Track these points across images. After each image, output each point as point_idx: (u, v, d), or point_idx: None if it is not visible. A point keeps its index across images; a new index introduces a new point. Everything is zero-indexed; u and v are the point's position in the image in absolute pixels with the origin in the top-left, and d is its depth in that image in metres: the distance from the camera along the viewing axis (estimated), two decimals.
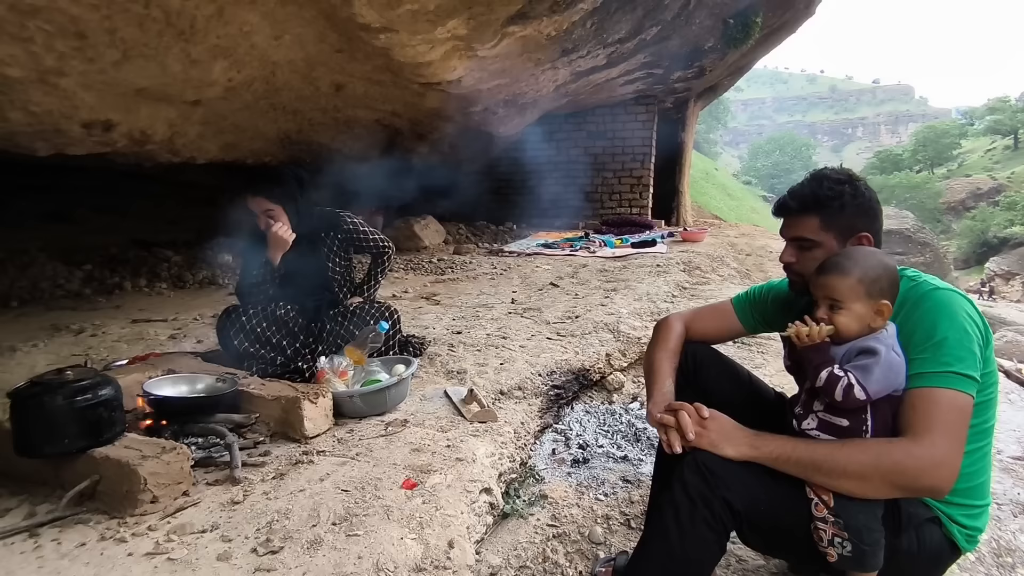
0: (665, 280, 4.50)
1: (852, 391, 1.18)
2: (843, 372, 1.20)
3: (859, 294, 1.23)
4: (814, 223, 1.39)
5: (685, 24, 5.75)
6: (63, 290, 4.29)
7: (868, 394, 1.18)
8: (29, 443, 1.48)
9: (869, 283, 1.22)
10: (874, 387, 1.18)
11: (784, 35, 8.68)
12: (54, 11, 2.17)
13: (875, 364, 1.18)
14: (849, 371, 1.20)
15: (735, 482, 1.24)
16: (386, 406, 2.09)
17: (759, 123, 75.12)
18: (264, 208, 2.38)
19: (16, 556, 1.31)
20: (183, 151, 3.97)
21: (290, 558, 1.30)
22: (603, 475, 2.14)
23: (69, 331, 3.21)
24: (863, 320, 1.24)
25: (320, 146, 5.44)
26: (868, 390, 1.17)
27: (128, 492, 1.44)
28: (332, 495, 1.54)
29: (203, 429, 1.81)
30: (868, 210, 1.38)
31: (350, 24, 3.09)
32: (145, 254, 5.27)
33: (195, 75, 3.09)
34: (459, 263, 5.62)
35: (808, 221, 1.40)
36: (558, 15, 3.73)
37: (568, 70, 5.44)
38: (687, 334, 1.70)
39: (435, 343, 2.90)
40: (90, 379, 1.54)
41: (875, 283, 1.22)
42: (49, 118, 2.73)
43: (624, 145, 8.62)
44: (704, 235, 7.12)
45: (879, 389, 1.18)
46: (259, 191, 2.39)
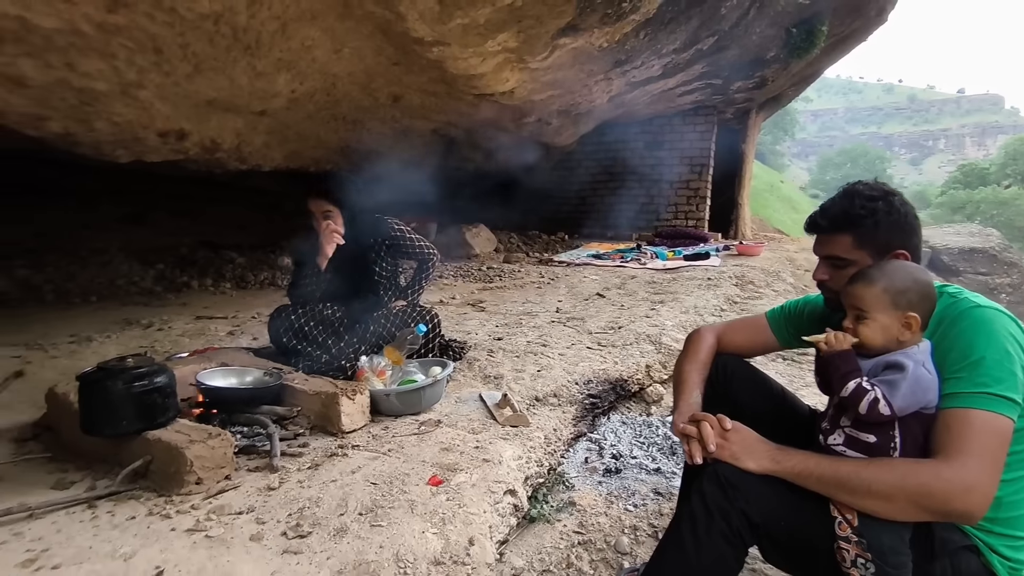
0: (715, 294, 4.40)
1: (877, 405, 1.14)
2: (870, 385, 1.17)
3: (884, 304, 1.20)
4: (847, 241, 1.35)
5: (744, 34, 5.64)
6: (137, 287, 4.62)
7: (893, 410, 1.14)
8: (92, 423, 1.62)
9: (895, 294, 1.19)
10: (900, 403, 1.14)
11: (853, 43, 8.35)
12: (135, 29, 2.37)
13: (902, 379, 1.15)
14: (876, 384, 1.16)
15: (755, 495, 1.22)
16: (421, 406, 2.15)
17: (830, 134, 72.07)
18: (323, 209, 2.52)
19: (76, 524, 1.43)
20: (249, 159, 4.21)
21: (316, 543, 1.36)
22: (634, 486, 2.12)
23: (139, 325, 3.47)
24: (889, 332, 1.20)
25: (378, 155, 5.63)
26: (893, 405, 1.14)
27: (175, 473, 1.55)
28: (361, 487, 1.61)
29: (248, 419, 1.92)
30: (904, 226, 1.33)
31: (404, 38, 3.21)
32: (212, 255, 5.60)
33: (260, 87, 3.29)
34: (507, 271, 5.68)
35: (841, 239, 1.36)
36: (609, 27, 3.75)
37: (622, 81, 5.43)
38: (719, 346, 1.69)
39: (476, 348, 2.95)
40: (147, 367, 1.67)
41: (902, 294, 1.19)
42: (129, 128, 2.96)
43: (681, 156, 8.49)
44: (761, 249, 6.91)
45: (905, 405, 1.14)
46: (319, 193, 2.54)
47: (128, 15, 2.26)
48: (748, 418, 1.37)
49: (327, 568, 1.28)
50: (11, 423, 2.04)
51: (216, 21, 2.53)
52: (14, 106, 2.48)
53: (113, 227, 6.14)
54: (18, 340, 3.11)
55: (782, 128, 29.81)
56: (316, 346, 2.50)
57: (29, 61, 2.25)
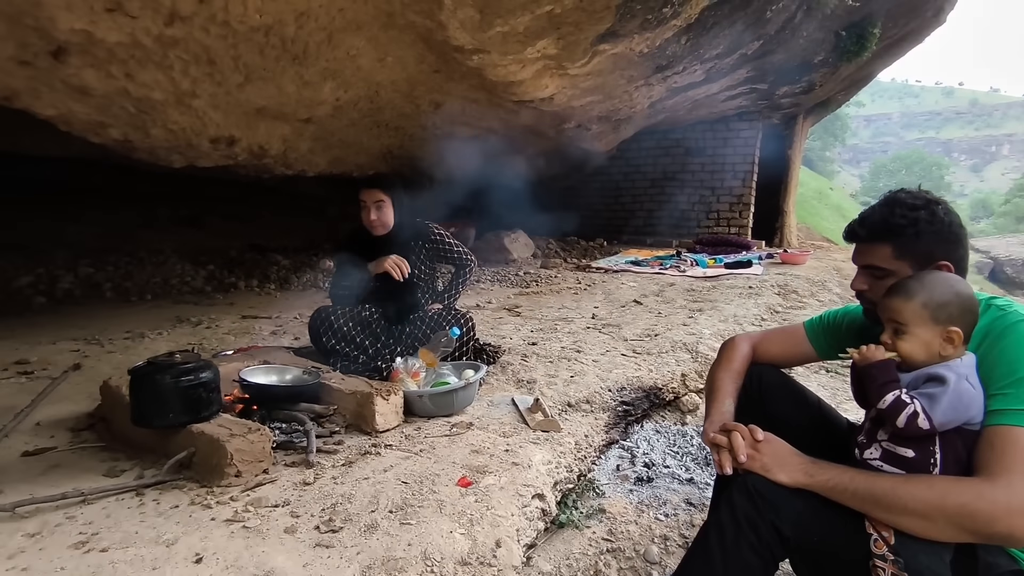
0: (756, 303, 4.31)
1: (916, 419, 1.11)
2: (909, 398, 1.13)
3: (924, 318, 1.16)
4: (886, 251, 1.31)
5: (791, 38, 5.51)
6: (188, 287, 4.83)
7: (933, 424, 1.10)
8: (142, 415, 1.70)
9: (935, 307, 1.15)
10: (940, 417, 1.10)
11: (908, 46, 8.06)
12: (190, 42, 2.49)
13: (943, 393, 1.11)
14: (916, 397, 1.13)
15: (786, 508, 1.19)
16: (453, 408, 2.18)
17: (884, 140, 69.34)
18: (376, 198, 2.59)
19: (124, 510, 1.51)
20: (295, 164, 4.36)
21: (347, 538, 1.40)
22: (666, 495, 2.10)
23: (189, 323, 3.62)
24: (929, 347, 1.16)
25: (420, 160, 5.74)
26: (933, 420, 1.10)
27: (217, 465, 1.61)
28: (393, 485, 1.64)
29: (287, 416, 1.99)
30: (948, 236, 1.28)
31: (445, 46, 3.28)
32: (259, 258, 5.80)
33: (307, 95, 3.41)
34: (544, 277, 5.69)
35: (880, 249, 1.32)
36: (649, 32, 3.73)
37: (663, 86, 5.38)
38: (754, 355, 1.66)
39: (509, 352, 2.97)
40: (194, 363, 1.74)
41: (942, 308, 1.15)
42: (183, 134, 3.11)
43: (724, 162, 8.34)
44: (806, 257, 6.71)
45: (946, 420, 1.10)
46: (373, 183, 2.62)
47: (184, 28, 2.38)
48: (783, 430, 1.34)
49: (357, 562, 1.31)
50: (69, 413, 2.17)
51: (266, 33, 2.64)
52: (78, 114, 2.64)
53: (170, 230, 6.45)
54: (78, 335, 3.30)
55: (832, 134, 28.93)
56: (353, 346, 2.56)
57: (92, 72, 2.40)
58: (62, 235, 5.66)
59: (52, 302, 4.22)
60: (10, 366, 2.74)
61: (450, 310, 2.76)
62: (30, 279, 4.46)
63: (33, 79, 2.37)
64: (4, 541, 1.37)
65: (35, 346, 3.07)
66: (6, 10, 2.00)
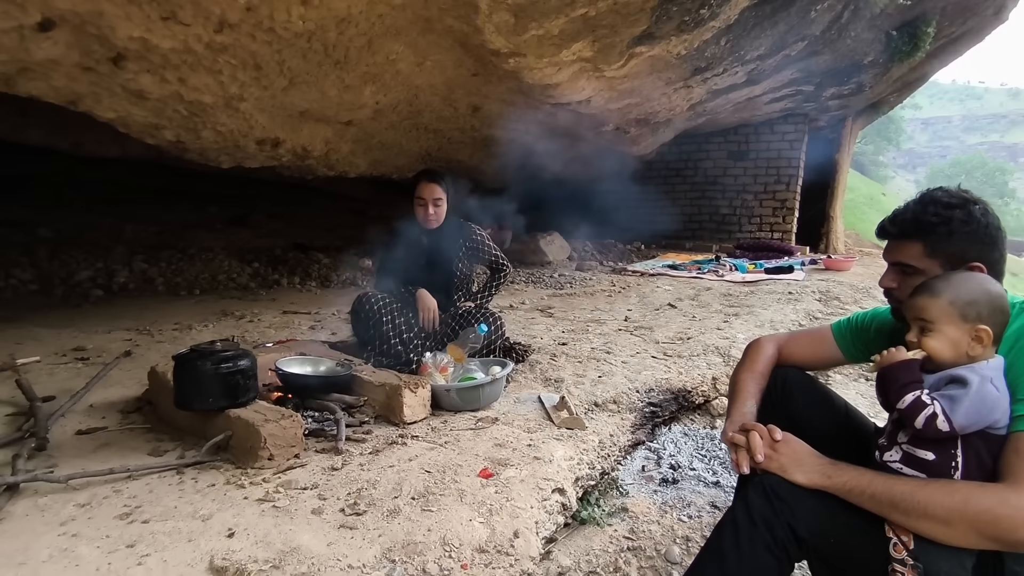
0: (794, 308, 4.21)
1: (935, 421, 1.09)
2: (930, 399, 1.11)
3: (951, 316, 1.13)
4: (917, 249, 1.28)
5: (838, 38, 5.37)
6: (234, 283, 5.03)
7: (953, 427, 1.08)
8: (184, 399, 1.81)
9: (963, 305, 1.13)
10: (961, 420, 1.07)
11: (967, 45, 7.72)
12: (238, 48, 2.62)
13: (965, 395, 1.08)
14: (937, 399, 1.10)
15: (803, 509, 1.18)
16: (479, 403, 2.23)
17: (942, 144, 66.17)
18: (435, 196, 2.66)
19: (165, 487, 1.61)
20: (337, 166, 4.49)
21: (370, 521, 1.46)
22: (691, 497, 2.09)
23: (233, 316, 3.78)
24: (957, 346, 1.14)
25: (458, 163, 5.83)
26: (954, 422, 1.07)
27: (251, 448, 1.70)
28: (416, 474, 1.69)
29: (319, 405, 2.07)
30: (983, 238, 1.24)
31: (482, 50, 3.33)
32: (302, 256, 5.99)
33: (348, 98, 3.52)
34: (579, 279, 5.69)
35: (911, 247, 1.30)
36: (687, 34, 3.70)
37: (703, 88, 5.32)
38: (780, 357, 1.64)
39: (539, 352, 3.00)
40: (233, 351, 1.84)
41: (970, 306, 1.12)
42: (231, 136, 3.26)
43: (768, 166, 8.16)
44: (851, 264, 6.50)
45: (967, 423, 1.08)
46: (436, 178, 2.68)
47: (232, 35, 2.50)
48: (807, 433, 1.33)
49: (378, 544, 1.37)
50: (119, 396, 2.31)
51: (309, 39, 2.75)
52: (135, 116, 2.81)
53: (219, 228, 6.73)
54: (131, 325, 3.49)
55: (886, 137, 27.84)
56: (388, 331, 2.63)
57: (148, 77, 2.55)
58: (121, 232, 5.98)
59: (109, 294, 4.47)
60: (69, 352, 2.93)
61: (480, 309, 2.80)
62: (90, 273, 4.73)
63: (95, 84, 2.53)
64: (58, 509, 1.48)
65: (92, 335, 3.26)
66: (72, 20, 2.15)
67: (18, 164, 5.27)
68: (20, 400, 2.22)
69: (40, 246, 5.17)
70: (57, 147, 4.23)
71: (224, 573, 1.24)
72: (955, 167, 42.30)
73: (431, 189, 2.66)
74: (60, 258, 4.98)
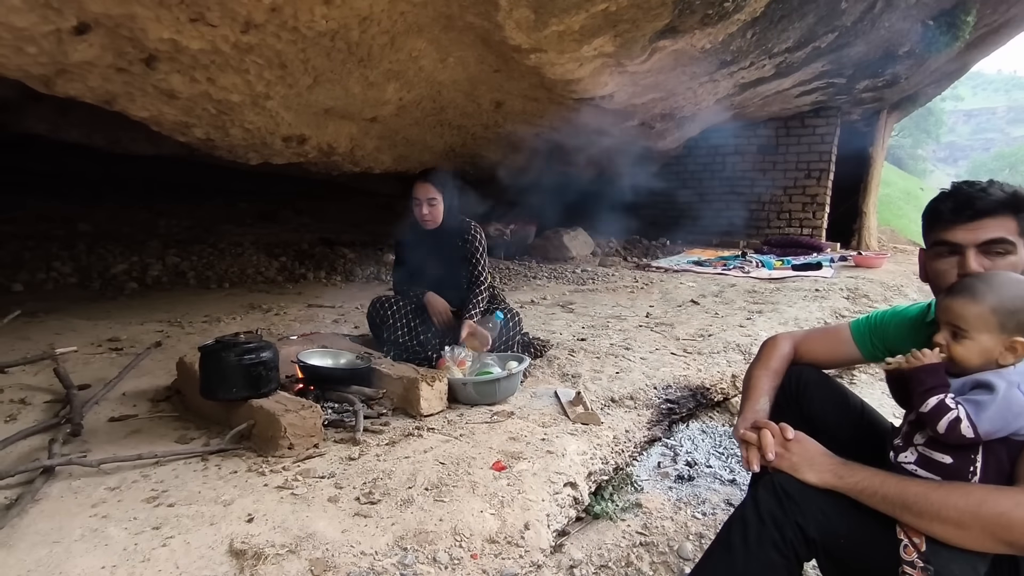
0: (820, 306, 4.14)
1: (959, 426, 1.05)
2: (954, 403, 1.08)
3: (990, 325, 1.09)
4: (1012, 225, 1.19)
5: (870, 29, 5.23)
6: (262, 277, 5.15)
7: (977, 433, 1.04)
8: (209, 388, 1.87)
9: (1005, 315, 1.08)
10: (986, 426, 1.04)
11: (1010, 34, 7.42)
12: (264, 48, 2.68)
13: (991, 401, 1.05)
14: (961, 403, 1.07)
15: (812, 509, 1.18)
16: (495, 397, 2.25)
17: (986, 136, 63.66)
18: (429, 196, 2.67)
19: (190, 472, 1.68)
20: (362, 162, 4.56)
21: (384, 510, 1.50)
22: (706, 494, 2.09)
23: (260, 310, 3.88)
24: (988, 355, 1.10)
25: (482, 158, 5.86)
26: (978, 428, 1.04)
27: (272, 437, 1.75)
28: (431, 465, 1.73)
29: (339, 396, 2.13)
30: None
31: (503, 46, 3.34)
32: (328, 251, 6.10)
33: (372, 96, 3.57)
34: (601, 275, 5.68)
35: (1005, 222, 1.19)
36: (711, 27, 3.65)
37: (730, 82, 5.24)
38: (795, 355, 1.63)
39: (557, 347, 3.01)
40: (255, 343, 1.90)
41: (1012, 315, 1.08)
42: (259, 134, 3.34)
43: (798, 160, 7.99)
44: (883, 261, 6.35)
45: (992, 429, 1.05)
46: (429, 178, 2.70)
47: (258, 35, 2.56)
48: (821, 431, 1.32)
49: (391, 532, 1.41)
50: (149, 386, 2.41)
51: (333, 37, 2.80)
52: (166, 115, 2.90)
53: (248, 223, 6.89)
54: (163, 317, 3.61)
55: (925, 130, 26.91)
56: (405, 331, 2.68)
57: (179, 77, 2.63)
58: (154, 227, 6.18)
59: (143, 287, 4.63)
60: (104, 343, 3.05)
61: (498, 303, 2.82)
62: (125, 266, 4.90)
63: (128, 84, 2.63)
64: (89, 492, 1.56)
65: (126, 326, 3.39)
66: (106, 24, 2.23)
67: (59, 162, 5.49)
68: (58, 388, 2.33)
69: (79, 240, 5.38)
70: (95, 145, 4.39)
71: (243, 556, 1.29)
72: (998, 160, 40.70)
73: (424, 188, 2.66)
74: (97, 252, 5.18)
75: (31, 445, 1.85)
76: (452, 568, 1.34)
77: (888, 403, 2.75)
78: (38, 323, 3.39)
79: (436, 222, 2.71)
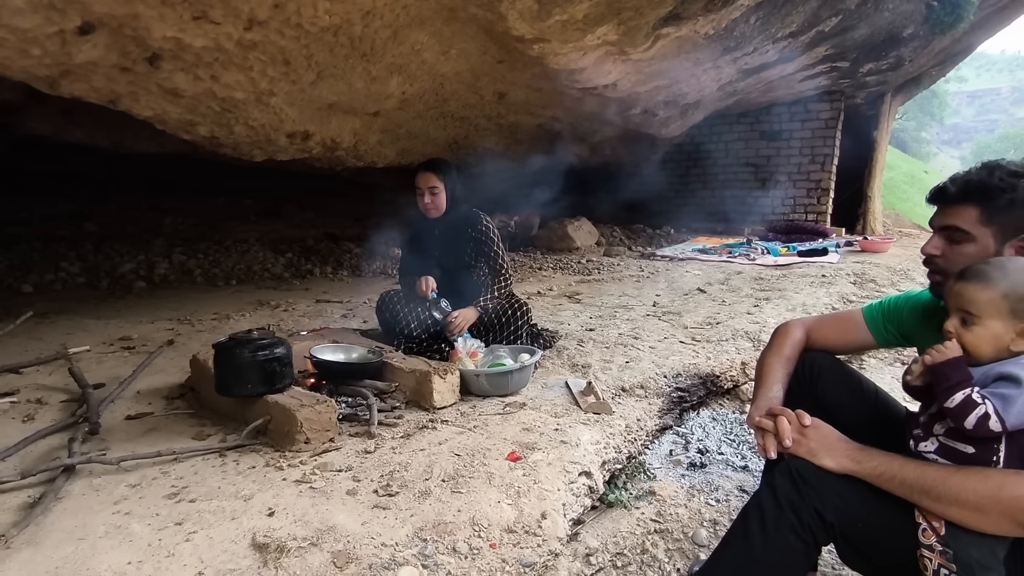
0: (827, 292, 4.13)
1: (988, 421, 1.04)
2: (981, 398, 1.06)
3: (1001, 311, 1.08)
4: (973, 214, 1.23)
5: (874, 12, 5.19)
6: (269, 273, 5.17)
7: (1006, 427, 1.03)
8: (224, 385, 1.89)
9: (1017, 300, 1.07)
10: (1014, 420, 1.03)
11: (1014, 13, 7.36)
12: (267, 44, 2.68)
13: (1019, 394, 1.04)
14: (988, 397, 1.05)
15: (830, 494, 1.18)
16: (508, 388, 2.26)
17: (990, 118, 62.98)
18: (430, 184, 2.68)
19: (209, 468, 1.70)
20: (365, 156, 4.56)
21: (402, 502, 1.51)
22: (719, 482, 2.10)
23: (269, 306, 3.90)
24: (999, 341, 1.09)
25: (486, 150, 5.84)
26: (1007, 422, 1.03)
27: (288, 432, 1.77)
28: (446, 457, 1.74)
29: (352, 391, 2.14)
30: None
31: (506, 37, 3.33)
32: (334, 246, 6.12)
33: (375, 90, 3.56)
34: (607, 264, 5.68)
35: (966, 211, 1.24)
36: (714, 13, 3.63)
37: (733, 68, 5.21)
38: (808, 342, 1.62)
39: (566, 338, 3.02)
40: (269, 339, 1.91)
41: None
42: (263, 130, 3.34)
43: (802, 146, 7.95)
44: (889, 245, 6.33)
45: (1020, 422, 1.03)
46: (429, 167, 2.71)
47: (262, 32, 2.56)
48: (835, 417, 1.32)
49: (410, 524, 1.42)
50: (163, 384, 2.43)
51: (335, 33, 2.79)
52: (171, 113, 2.90)
53: (253, 220, 6.90)
54: (172, 315, 3.63)
55: (928, 112, 26.63)
56: (414, 328, 2.69)
57: (183, 75, 2.63)
58: (160, 226, 6.19)
59: (151, 286, 4.65)
60: (115, 342, 3.07)
61: (507, 297, 2.82)
62: (132, 265, 4.93)
63: (132, 83, 2.63)
64: (111, 489, 1.57)
65: (136, 325, 3.41)
66: (110, 23, 2.23)
67: (64, 162, 5.49)
68: (73, 387, 2.35)
69: (86, 240, 5.40)
70: (99, 145, 4.40)
71: (266, 549, 1.30)
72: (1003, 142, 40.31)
73: (426, 178, 2.67)
74: (104, 251, 5.20)
75: (50, 444, 1.88)
76: (472, 558, 1.35)
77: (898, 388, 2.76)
78: (49, 324, 3.42)
79: (440, 210, 2.71)
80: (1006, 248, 1.21)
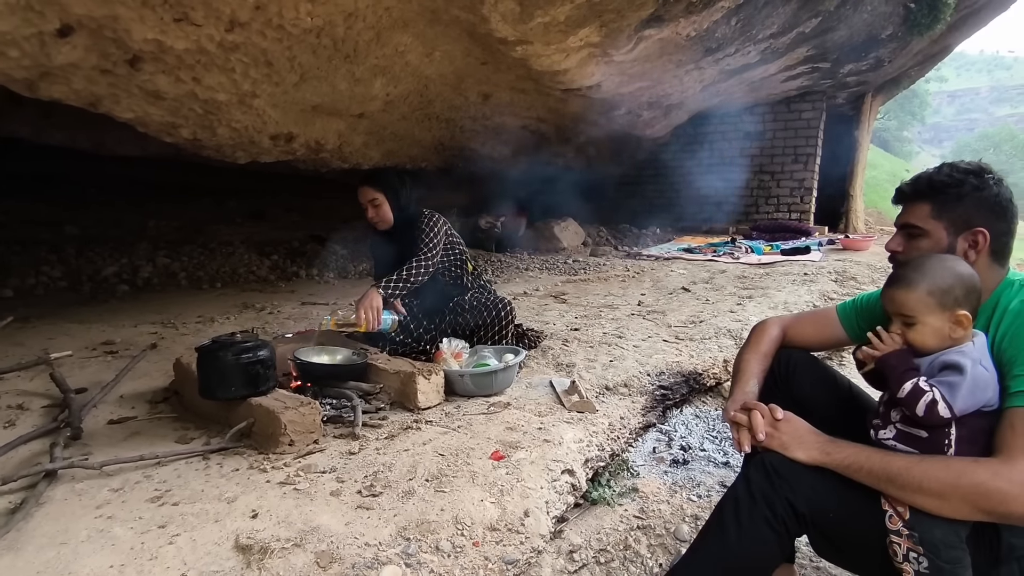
0: (809, 289, 4.19)
1: (936, 408, 1.12)
2: (929, 386, 1.14)
3: (931, 307, 1.16)
4: (925, 209, 1.29)
5: (853, 13, 5.27)
6: (254, 276, 5.15)
7: (953, 412, 1.11)
8: (207, 388, 1.88)
9: (941, 294, 1.15)
10: (960, 405, 1.11)
11: (990, 14, 7.49)
12: (250, 46, 2.67)
13: (962, 381, 1.11)
14: (935, 386, 1.13)
15: (802, 486, 1.21)
16: (492, 388, 2.28)
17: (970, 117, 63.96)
18: (370, 198, 2.67)
19: (192, 471, 1.70)
20: (350, 158, 4.55)
21: (386, 502, 1.52)
22: (700, 478, 2.13)
23: (254, 308, 3.89)
24: (940, 333, 1.17)
25: (471, 151, 5.85)
26: (954, 408, 1.11)
27: (272, 434, 1.77)
28: (430, 457, 1.75)
29: (337, 392, 2.14)
30: (993, 207, 1.25)
31: (489, 39, 3.35)
32: (319, 248, 6.10)
33: (359, 92, 3.56)
34: (593, 264, 5.71)
35: (919, 207, 1.31)
36: (695, 15, 3.67)
37: (715, 69, 5.27)
38: (784, 339, 1.66)
39: (551, 337, 3.04)
40: (252, 342, 1.91)
41: (947, 293, 1.15)
42: (246, 132, 3.33)
43: (785, 146, 8.06)
44: (870, 243, 6.43)
45: (965, 407, 1.11)
46: (366, 181, 2.70)
47: (243, 34, 2.56)
48: (810, 412, 1.36)
49: (393, 523, 1.43)
50: (147, 388, 2.42)
51: (318, 34, 2.79)
52: (153, 116, 2.89)
53: (238, 222, 6.84)
54: (156, 319, 3.61)
55: (909, 112, 27.05)
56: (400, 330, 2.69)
57: (164, 77, 2.62)
58: (143, 229, 6.13)
59: (134, 289, 4.61)
60: (98, 346, 3.05)
61: (489, 294, 2.82)
62: (115, 269, 4.88)
63: (113, 86, 2.61)
64: (94, 494, 1.57)
65: (119, 328, 3.38)
66: (89, 25, 2.22)
67: (43, 163, 5.42)
68: (54, 392, 2.33)
69: (67, 244, 5.33)
70: (79, 147, 4.35)
71: (249, 551, 1.31)
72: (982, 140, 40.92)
73: (364, 192, 2.66)
74: (87, 255, 5.14)
75: (32, 450, 1.86)
76: (454, 556, 1.36)
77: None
78: (31, 328, 3.38)
79: (387, 222, 2.68)
80: (959, 240, 1.26)
